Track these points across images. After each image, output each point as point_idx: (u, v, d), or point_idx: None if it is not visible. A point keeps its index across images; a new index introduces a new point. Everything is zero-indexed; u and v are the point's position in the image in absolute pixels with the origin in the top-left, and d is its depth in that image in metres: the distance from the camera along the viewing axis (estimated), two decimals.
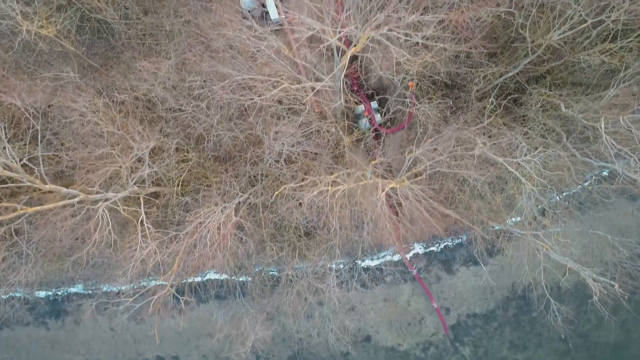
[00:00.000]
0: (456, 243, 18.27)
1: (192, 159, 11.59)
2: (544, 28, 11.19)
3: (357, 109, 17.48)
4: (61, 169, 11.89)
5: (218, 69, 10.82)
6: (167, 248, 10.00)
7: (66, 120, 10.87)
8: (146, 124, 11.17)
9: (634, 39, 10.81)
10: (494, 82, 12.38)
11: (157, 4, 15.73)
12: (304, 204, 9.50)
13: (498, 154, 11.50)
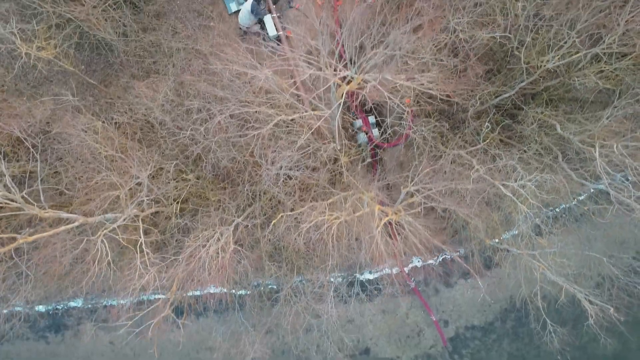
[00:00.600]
0: (455, 255, 18.34)
1: (191, 179, 11.68)
2: (539, 49, 11.29)
3: (355, 124, 17.58)
4: (61, 190, 11.97)
5: (216, 92, 10.90)
6: (165, 272, 10.09)
7: (65, 146, 10.94)
8: (145, 147, 11.25)
9: (629, 61, 10.91)
10: (490, 102, 12.47)
11: (156, 22, 15.85)
12: (301, 235, 9.59)
13: (494, 175, 11.60)
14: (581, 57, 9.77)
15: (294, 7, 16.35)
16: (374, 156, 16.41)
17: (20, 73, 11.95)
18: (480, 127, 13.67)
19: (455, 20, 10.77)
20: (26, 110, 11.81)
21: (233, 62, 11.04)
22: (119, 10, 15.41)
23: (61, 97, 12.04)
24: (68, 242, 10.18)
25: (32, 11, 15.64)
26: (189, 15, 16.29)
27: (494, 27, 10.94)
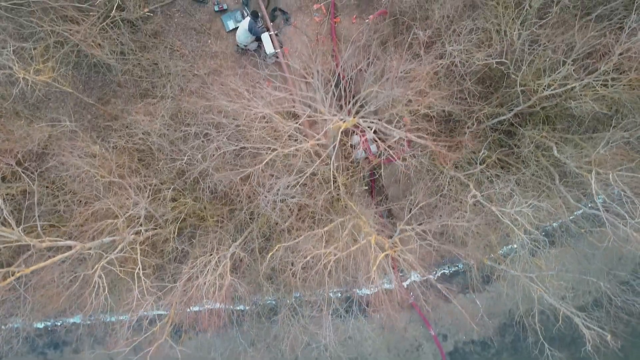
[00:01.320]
0: (453, 270, 18.38)
1: (188, 202, 11.70)
2: (535, 72, 11.33)
3: (353, 140, 17.60)
4: (58, 213, 11.99)
5: (212, 119, 10.92)
6: (163, 299, 10.10)
7: (63, 172, 10.96)
8: (143, 170, 11.26)
9: (625, 84, 10.94)
10: (487, 123, 12.50)
11: (153, 40, 15.88)
12: (297, 271, 9.61)
13: (491, 196, 11.62)
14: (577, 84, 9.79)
15: (291, 24, 16.38)
16: (372, 175, 16.44)
17: (19, 97, 11.95)
18: (478, 145, 13.71)
19: (451, 47, 10.80)
20: (24, 134, 11.84)
21: (230, 99, 11.04)
22: (117, 29, 15.47)
23: (58, 122, 12.05)
24: (65, 272, 10.19)
25: (29, 30, 15.72)
26: (187, 33, 16.32)
27: (490, 51, 10.98)
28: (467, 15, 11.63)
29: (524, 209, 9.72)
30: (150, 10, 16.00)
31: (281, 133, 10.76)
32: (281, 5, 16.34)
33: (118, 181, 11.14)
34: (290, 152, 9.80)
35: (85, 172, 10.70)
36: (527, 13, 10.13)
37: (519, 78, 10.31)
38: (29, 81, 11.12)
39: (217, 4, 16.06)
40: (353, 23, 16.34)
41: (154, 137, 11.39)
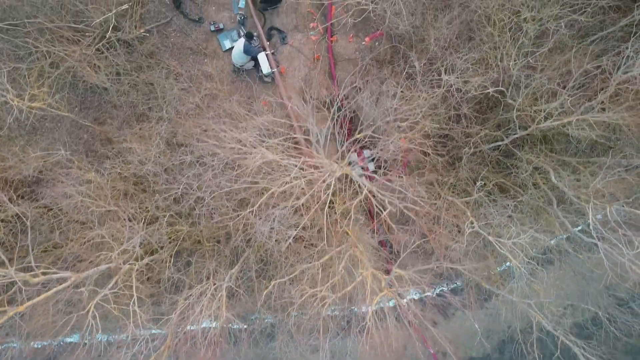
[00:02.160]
0: (451, 288, 18.30)
1: (185, 228, 11.63)
2: (531, 99, 11.29)
3: (351, 157, 17.56)
4: (53, 240, 11.92)
5: (208, 147, 10.86)
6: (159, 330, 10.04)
7: (59, 204, 10.90)
8: (139, 195, 11.19)
9: (622, 109, 10.89)
10: (484, 147, 12.45)
11: (149, 60, 15.83)
12: (292, 313, 9.55)
13: (489, 221, 11.56)
14: (574, 110, 9.75)
15: (288, 43, 16.33)
16: (370, 202, 16.38)
17: (13, 123, 11.89)
18: (476, 168, 13.66)
19: (447, 77, 10.75)
20: (18, 161, 11.77)
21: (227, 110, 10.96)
22: (113, 49, 15.43)
23: (53, 151, 11.98)
24: (60, 302, 10.13)
25: (25, 51, 15.68)
26: (183, 53, 16.29)
27: (487, 77, 10.92)
28: (464, 39, 11.58)
29: (521, 240, 9.67)
30: (146, 31, 15.98)
31: (278, 165, 10.68)
32: (277, 25, 16.30)
33: (114, 209, 11.07)
34: (287, 188, 9.71)
35: (80, 201, 10.63)
36: (523, 43, 10.09)
37: (516, 106, 10.27)
38: (23, 110, 11.02)
39: (213, 24, 16.02)
40: (350, 42, 16.30)
41: (149, 165, 11.31)
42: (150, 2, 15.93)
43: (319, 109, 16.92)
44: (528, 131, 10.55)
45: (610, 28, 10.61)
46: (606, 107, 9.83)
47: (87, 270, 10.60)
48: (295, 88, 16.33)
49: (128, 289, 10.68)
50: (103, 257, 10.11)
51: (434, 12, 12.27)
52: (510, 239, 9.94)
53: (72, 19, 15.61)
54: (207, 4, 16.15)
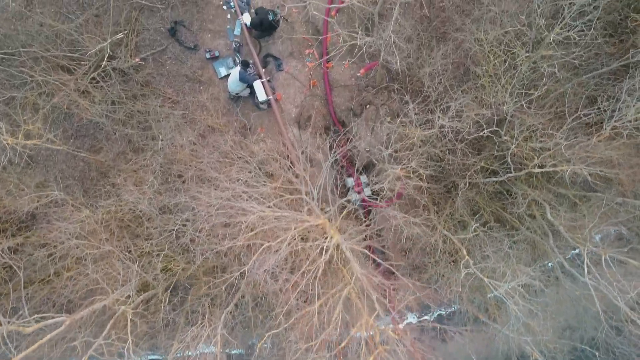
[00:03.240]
0: (449, 311, 18.26)
1: (180, 265, 11.60)
2: (526, 134, 11.25)
3: (347, 182, 17.53)
4: (48, 277, 11.89)
5: (202, 189, 10.83)
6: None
7: (52, 248, 10.87)
8: (134, 233, 11.15)
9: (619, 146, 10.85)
10: (479, 179, 12.40)
11: (145, 89, 15.80)
12: None
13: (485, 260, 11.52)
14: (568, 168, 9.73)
15: (284, 70, 16.30)
16: (367, 214, 16.38)
17: (6, 162, 11.85)
18: (472, 196, 13.62)
19: (441, 120, 10.71)
20: (12, 200, 11.74)
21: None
22: (108, 78, 15.39)
23: (48, 190, 11.95)
24: (55, 345, 10.09)
25: (21, 80, 15.67)
26: (179, 80, 16.26)
27: (482, 114, 10.88)
28: (459, 74, 11.54)
29: (516, 283, 9.63)
30: (141, 59, 15.96)
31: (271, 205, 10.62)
32: (273, 52, 16.27)
33: (108, 248, 11.03)
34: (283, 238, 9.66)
35: (75, 243, 10.59)
36: (514, 86, 10.07)
37: (511, 150, 10.23)
38: (17, 150, 10.99)
39: (208, 52, 15.99)
40: (345, 68, 16.27)
41: (143, 204, 11.28)
42: (145, 30, 15.90)
43: (316, 135, 16.94)
44: (523, 173, 10.52)
45: (603, 68, 10.57)
46: (601, 151, 9.80)
47: (82, 311, 10.56)
48: (292, 116, 16.32)
49: (122, 329, 10.63)
50: (97, 300, 10.07)
51: (428, 43, 12.23)
52: (506, 282, 9.90)
53: (68, 48, 15.60)
54: (203, 32, 16.12)
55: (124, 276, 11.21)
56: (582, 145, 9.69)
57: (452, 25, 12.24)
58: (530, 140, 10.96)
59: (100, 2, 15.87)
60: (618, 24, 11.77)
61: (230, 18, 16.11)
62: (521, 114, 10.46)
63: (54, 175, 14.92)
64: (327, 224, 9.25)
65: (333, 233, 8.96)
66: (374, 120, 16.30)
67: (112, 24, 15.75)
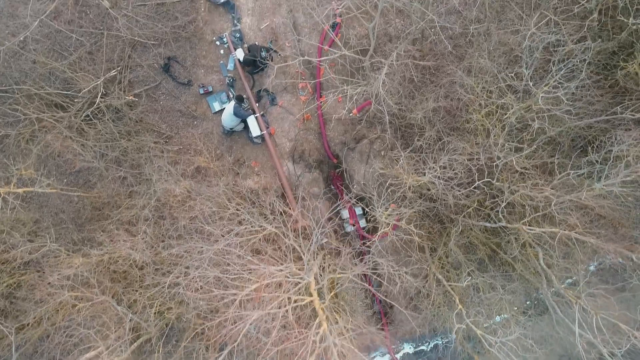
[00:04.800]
0: (446, 341, 18.25)
1: (173, 314, 11.60)
2: (519, 179, 11.26)
3: (342, 214, 17.53)
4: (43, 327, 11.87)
5: (193, 244, 10.83)
6: None
7: (43, 306, 10.84)
8: (125, 298, 11.15)
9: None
10: (473, 222, 12.40)
11: (139, 126, 15.79)
12: None
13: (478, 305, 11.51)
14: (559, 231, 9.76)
15: (277, 104, 16.31)
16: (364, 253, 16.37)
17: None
18: (467, 232, 13.62)
19: (432, 173, 10.73)
20: (4, 250, 11.73)
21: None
22: (101, 115, 15.40)
23: (40, 238, 11.93)
24: None
25: (14, 118, 15.67)
26: (172, 115, 16.25)
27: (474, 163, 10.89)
28: (449, 124, 11.56)
29: (510, 341, 9.63)
30: (135, 95, 15.96)
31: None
32: (266, 86, 16.27)
33: (102, 298, 11.03)
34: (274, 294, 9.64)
35: (68, 297, 10.58)
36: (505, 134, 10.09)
37: (502, 206, 10.25)
38: (8, 200, 10.98)
39: (202, 87, 16.00)
40: (339, 102, 16.27)
41: (136, 255, 11.28)
42: (138, 67, 15.91)
43: (311, 169, 16.95)
44: (515, 225, 10.53)
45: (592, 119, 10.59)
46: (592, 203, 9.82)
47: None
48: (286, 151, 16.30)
49: None
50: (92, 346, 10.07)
51: (420, 89, 12.26)
52: (500, 336, 9.90)
53: (61, 85, 15.61)
54: (196, 67, 16.13)
55: (117, 324, 11.19)
56: (572, 199, 9.69)
57: (443, 72, 12.26)
58: (522, 188, 10.96)
59: (94, 39, 15.88)
60: (607, 69, 11.81)
61: (223, 53, 16.13)
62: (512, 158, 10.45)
63: (48, 217, 14.86)
64: (316, 302, 9.15)
65: (322, 320, 8.81)
66: (368, 153, 16.32)
67: (105, 61, 15.81)
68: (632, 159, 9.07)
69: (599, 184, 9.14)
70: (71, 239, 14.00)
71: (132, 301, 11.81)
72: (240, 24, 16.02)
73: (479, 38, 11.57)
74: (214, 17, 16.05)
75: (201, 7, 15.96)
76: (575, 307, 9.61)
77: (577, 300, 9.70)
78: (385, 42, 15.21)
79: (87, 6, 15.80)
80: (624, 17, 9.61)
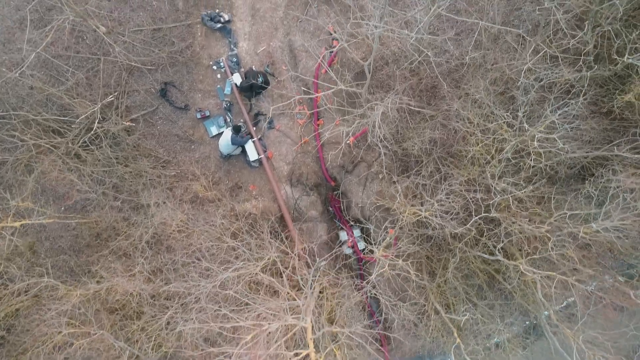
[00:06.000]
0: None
1: (170, 347, 11.59)
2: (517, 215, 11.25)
3: (340, 236, 17.53)
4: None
5: (190, 280, 10.83)
6: None
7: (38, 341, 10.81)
8: (121, 332, 11.13)
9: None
10: (471, 252, 12.38)
11: (136, 152, 15.78)
12: None
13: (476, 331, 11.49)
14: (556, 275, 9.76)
15: (274, 127, 16.31)
16: (362, 277, 16.36)
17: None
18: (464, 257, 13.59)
19: (428, 211, 10.72)
20: (1, 284, 11.72)
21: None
22: (99, 141, 15.39)
23: (37, 272, 11.91)
24: None
25: (11, 145, 15.66)
26: (170, 140, 16.25)
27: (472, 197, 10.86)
28: (446, 158, 11.54)
29: None
30: (132, 120, 15.97)
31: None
32: (263, 110, 16.27)
33: (100, 332, 11.01)
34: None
35: (65, 334, 10.57)
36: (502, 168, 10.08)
37: (498, 247, 10.23)
38: (5, 236, 10.97)
39: (199, 111, 16.00)
40: (336, 125, 16.25)
41: (134, 289, 11.27)
42: (135, 92, 15.91)
43: (309, 191, 16.93)
44: (515, 263, 10.51)
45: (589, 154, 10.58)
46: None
47: None
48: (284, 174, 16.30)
49: None
50: None
51: (417, 120, 12.26)
52: None
53: (59, 111, 15.61)
54: (193, 92, 16.13)
55: (116, 359, 11.18)
56: (569, 238, 9.69)
57: (441, 103, 12.24)
58: (519, 219, 10.94)
59: (91, 65, 15.88)
60: (604, 96, 11.81)
61: (220, 78, 16.12)
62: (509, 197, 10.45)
63: (46, 243, 14.84)
64: (313, 355, 9.08)
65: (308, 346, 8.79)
66: (366, 177, 16.31)
67: (102, 86, 15.81)
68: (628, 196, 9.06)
69: (596, 225, 9.14)
70: (69, 268, 13.97)
71: (130, 334, 11.80)
72: (237, 49, 16.02)
73: (475, 69, 11.56)
74: (211, 42, 16.05)
75: (198, 32, 15.96)
76: (573, 346, 9.59)
77: (575, 340, 9.69)
78: (382, 66, 15.21)
79: (84, 32, 15.80)
80: (618, 56, 9.60)
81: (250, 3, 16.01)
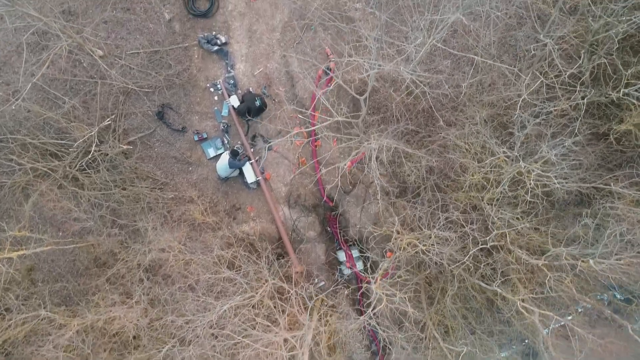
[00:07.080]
0: None
1: None
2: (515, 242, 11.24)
3: (339, 256, 17.48)
4: None
5: (187, 315, 10.83)
6: None
7: None
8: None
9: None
10: (469, 279, 12.37)
11: (133, 175, 15.77)
12: None
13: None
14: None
15: (272, 149, 16.29)
16: (361, 298, 16.36)
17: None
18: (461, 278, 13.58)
19: (424, 246, 10.71)
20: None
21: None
22: (96, 164, 15.38)
23: (33, 314, 11.88)
24: None
25: (8, 169, 15.65)
26: (167, 162, 16.24)
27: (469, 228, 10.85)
28: (443, 188, 11.54)
29: None
30: (129, 142, 15.96)
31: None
32: (261, 131, 16.26)
33: None
34: None
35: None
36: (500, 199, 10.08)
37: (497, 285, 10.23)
38: (2, 269, 10.95)
39: (196, 133, 15.98)
40: (334, 146, 16.25)
41: (131, 320, 11.26)
42: (133, 114, 15.90)
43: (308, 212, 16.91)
44: (513, 298, 10.51)
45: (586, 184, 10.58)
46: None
47: None
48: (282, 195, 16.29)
49: None
50: None
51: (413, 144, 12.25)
52: None
53: (56, 135, 15.60)
54: (190, 114, 16.12)
55: None
56: (566, 275, 9.69)
57: (437, 129, 12.24)
58: (517, 248, 10.93)
59: (88, 88, 15.88)
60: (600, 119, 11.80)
61: (217, 100, 16.11)
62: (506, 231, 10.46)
63: (44, 266, 14.84)
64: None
65: None
66: (364, 198, 16.30)
67: (99, 109, 15.79)
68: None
69: (593, 261, 9.13)
70: (67, 294, 13.95)
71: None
72: (234, 70, 16.00)
73: (471, 95, 11.56)
74: (208, 64, 16.04)
75: (194, 55, 15.96)
76: None
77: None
78: (379, 88, 15.21)
79: (81, 55, 15.79)
80: (613, 91, 9.59)
81: (247, 25, 16.01)
